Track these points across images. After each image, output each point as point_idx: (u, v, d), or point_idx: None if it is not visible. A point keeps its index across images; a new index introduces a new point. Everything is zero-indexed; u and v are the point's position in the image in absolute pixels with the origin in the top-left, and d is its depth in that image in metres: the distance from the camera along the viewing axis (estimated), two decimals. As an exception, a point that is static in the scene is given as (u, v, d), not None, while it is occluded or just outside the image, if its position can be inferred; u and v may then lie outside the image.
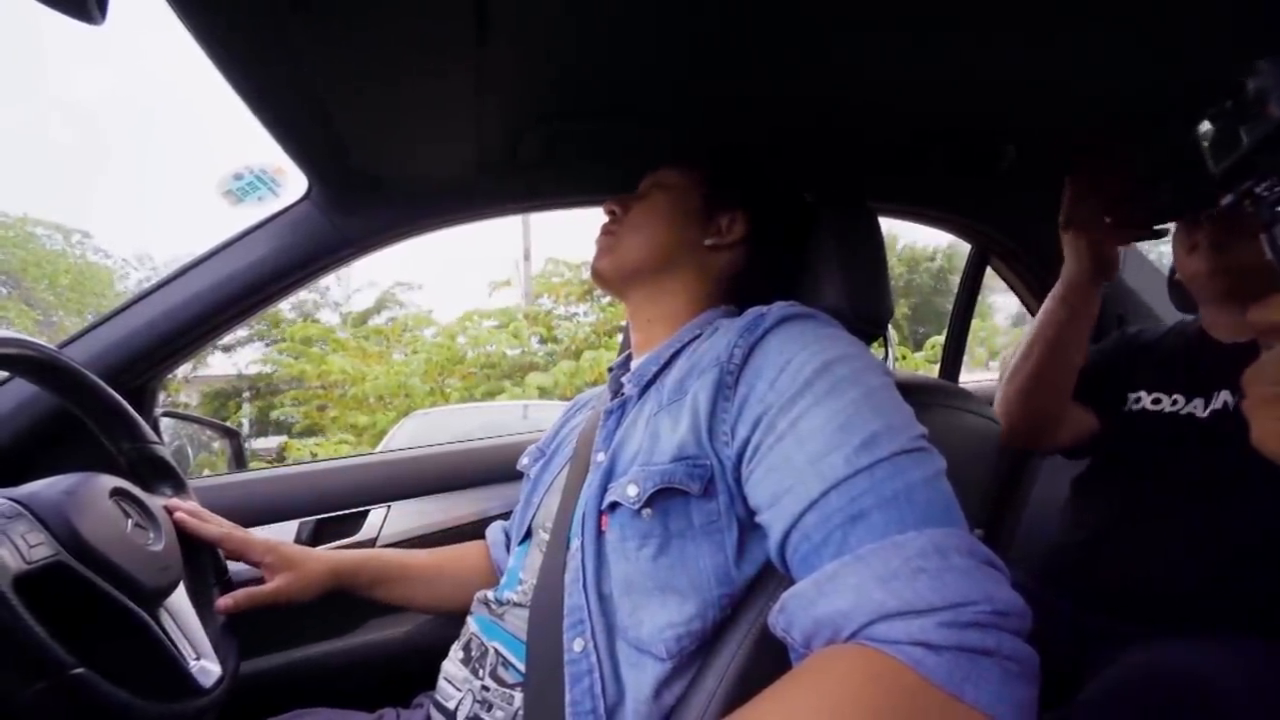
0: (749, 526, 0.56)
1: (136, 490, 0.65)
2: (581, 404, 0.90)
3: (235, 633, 0.72)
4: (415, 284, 10.96)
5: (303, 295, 10.59)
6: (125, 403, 0.72)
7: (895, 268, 14.51)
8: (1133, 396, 0.95)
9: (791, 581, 0.49)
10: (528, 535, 0.76)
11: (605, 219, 0.80)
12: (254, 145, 0.89)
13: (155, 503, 0.67)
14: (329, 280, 10.78)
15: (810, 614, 0.45)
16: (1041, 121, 0.85)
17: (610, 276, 0.77)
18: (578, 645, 0.57)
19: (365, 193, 0.95)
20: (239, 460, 1.27)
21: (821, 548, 0.46)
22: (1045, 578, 0.95)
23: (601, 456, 0.64)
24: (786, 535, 0.49)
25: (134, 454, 0.73)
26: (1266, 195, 0.42)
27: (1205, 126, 0.45)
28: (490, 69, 0.67)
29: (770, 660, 0.49)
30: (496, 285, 8.70)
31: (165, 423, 1.12)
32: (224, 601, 0.72)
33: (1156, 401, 0.92)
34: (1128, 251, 1.42)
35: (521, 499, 0.82)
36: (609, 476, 0.61)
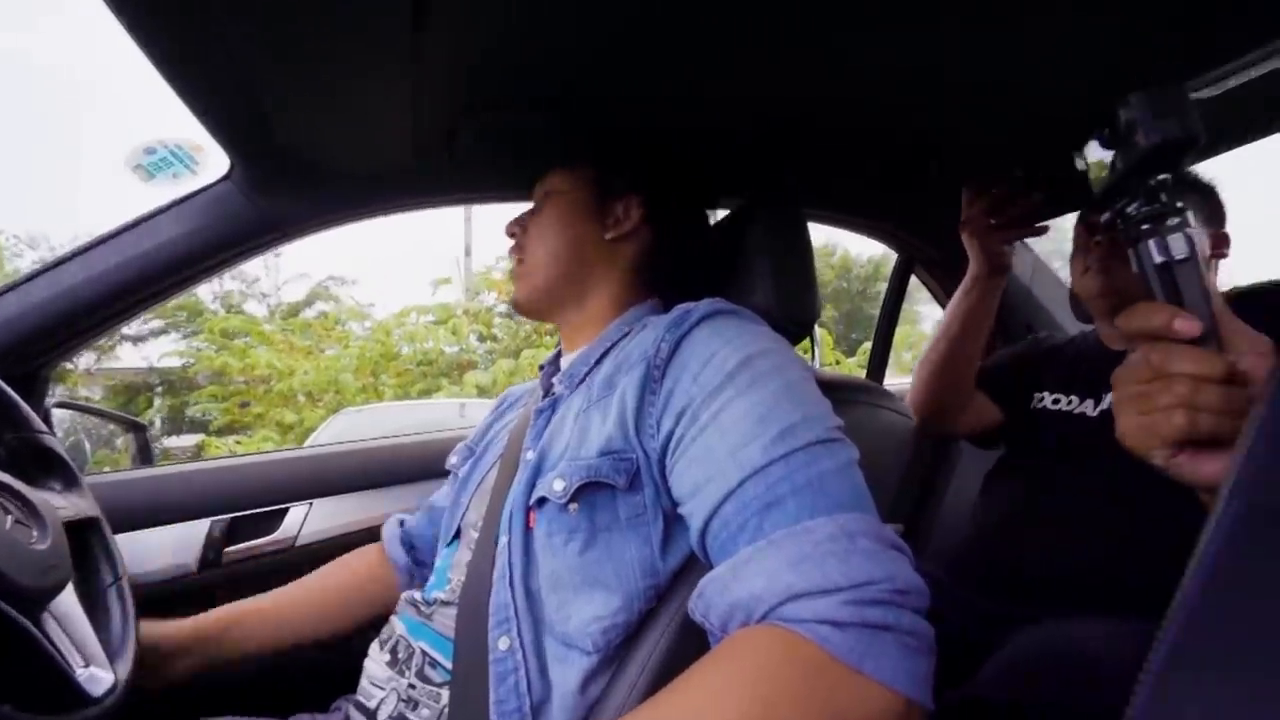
0: (673, 518, 0.57)
1: (18, 484, 0.60)
2: (511, 401, 0.90)
3: (134, 637, 0.67)
4: (350, 278, 10.57)
5: (228, 285, 10.01)
6: (7, 388, 0.66)
7: (828, 275, 15.04)
8: (1037, 396, 1.04)
9: (711, 568, 0.50)
10: (457, 535, 0.75)
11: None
12: (172, 119, 0.84)
13: (41, 498, 0.62)
14: (257, 270, 10.24)
15: (726, 598, 0.47)
16: (964, 138, 0.90)
17: (529, 306, 0.77)
18: (503, 644, 0.57)
19: (293, 176, 0.90)
20: (145, 456, 1.19)
21: (738, 534, 0.48)
22: (953, 568, 1.00)
23: (531, 454, 0.64)
24: (707, 523, 0.51)
25: (17, 444, 0.67)
26: (1134, 215, 0.46)
27: (1087, 150, 0.50)
28: (427, 55, 0.66)
29: (693, 648, 0.50)
30: (439, 282, 8.46)
31: (59, 414, 1.04)
32: None
33: (1056, 401, 1.00)
34: (1035, 267, 1.54)
35: (450, 498, 0.81)
36: (537, 473, 0.61)
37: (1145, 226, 0.45)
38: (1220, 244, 0.94)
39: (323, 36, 0.62)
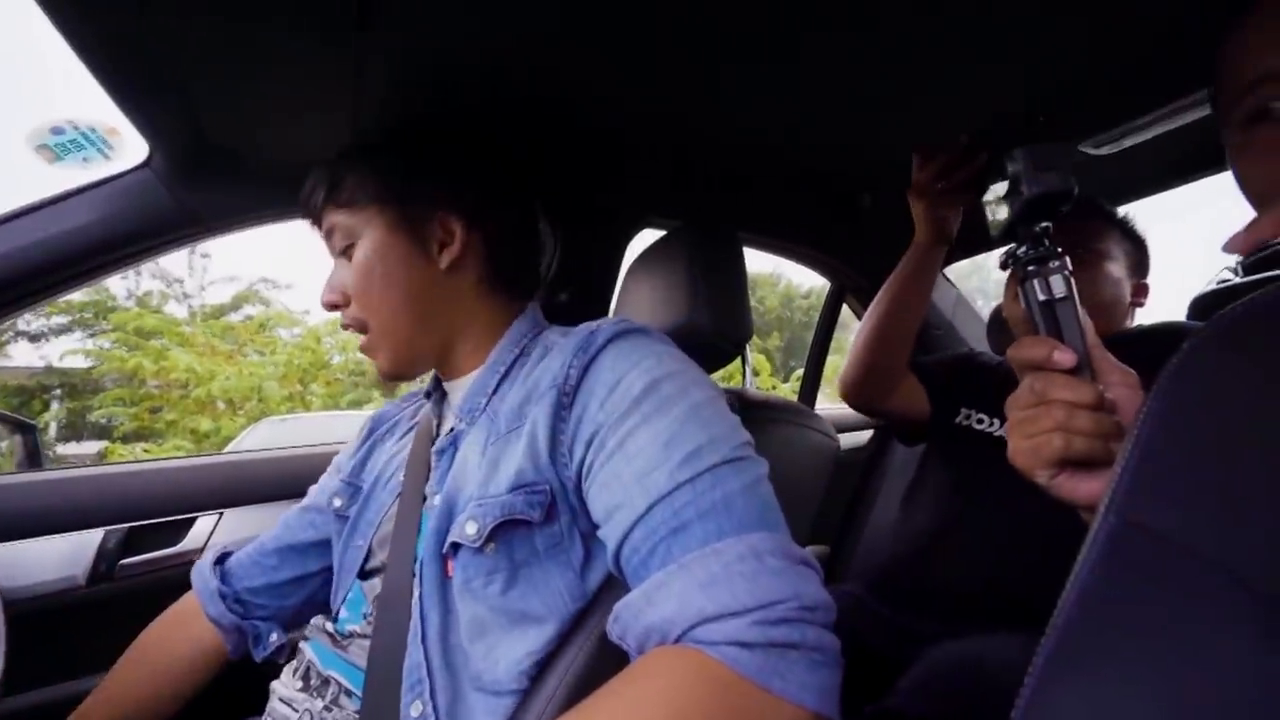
0: (592, 540, 0.57)
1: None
2: (386, 426, 0.83)
3: (2, 658, 0.61)
4: (284, 283, 10.11)
5: (147, 284, 9.37)
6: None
7: (772, 302, 15.49)
8: (965, 412, 1.07)
9: (629, 589, 0.50)
10: (364, 574, 0.69)
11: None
12: (85, 101, 0.79)
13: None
14: (181, 270, 9.64)
15: (641, 621, 0.47)
16: (892, 180, 0.96)
17: (400, 372, 0.69)
18: (415, 709, 0.55)
19: (218, 167, 0.86)
20: (33, 459, 1.10)
21: (649, 558, 0.49)
22: (874, 586, 1.04)
23: (438, 499, 0.61)
24: (619, 548, 0.51)
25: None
26: (1021, 257, 0.51)
27: (986, 198, 0.55)
28: (370, 54, 0.65)
29: (610, 665, 0.50)
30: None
31: (-66, 412, 0.95)
32: None
33: (980, 421, 1.04)
34: (958, 302, 1.64)
35: (340, 540, 0.73)
36: (449, 518, 0.59)
37: (1030, 268, 0.50)
38: (1140, 293, 1.01)
39: (262, 30, 0.60)
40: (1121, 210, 1.03)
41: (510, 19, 0.60)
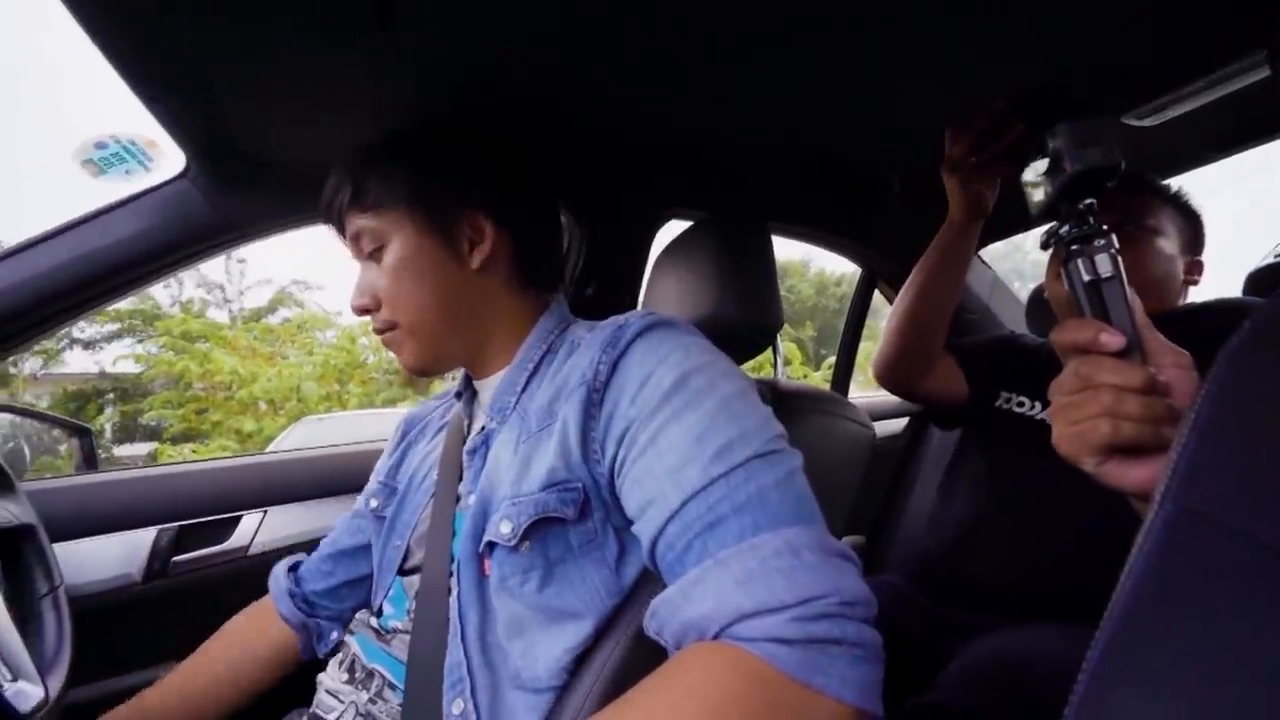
0: (626, 535, 0.57)
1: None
2: (418, 427, 0.84)
3: (68, 651, 0.64)
4: (316, 284, 10.34)
5: (190, 292, 9.70)
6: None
7: (805, 290, 15.27)
8: (1004, 395, 1.03)
9: (665, 584, 0.50)
10: (404, 570, 0.71)
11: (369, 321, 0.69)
12: (128, 117, 0.81)
13: (-29, 503, 0.59)
14: (220, 277, 9.95)
15: (678, 618, 0.47)
16: (922, 163, 0.93)
17: (426, 369, 0.69)
18: (456, 707, 0.56)
19: (252, 175, 0.88)
20: (89, 462, 1.14)
21: (685, 554, 0.49)
22: (914, 576, 1.02)
23: (472, 498, 0.61)
24: (654, 544, 0.51)
25: (-52, 447, 0.64)
26: (1064, 236, 0.49)
27: (1026, 176, 0.53)
28: (392, 55, 0.65)
29: (644, 660, 0.51)
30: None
31: (0, 418, 0.99)
32: None
33: (1021, 405, 1.01)
34: (995, 285, 1.59)
35: (379, 540, 0.75)
36: (483, 517, 0.59)
37: (1074, 247, 0.48)
38: (1194, 270, 0.96)
39: (286, 34, 0.61)
40: (1174, 184, 0.99)
41: (527, 17, 0.60)
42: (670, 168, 0.96)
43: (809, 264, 15.40)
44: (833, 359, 1.84)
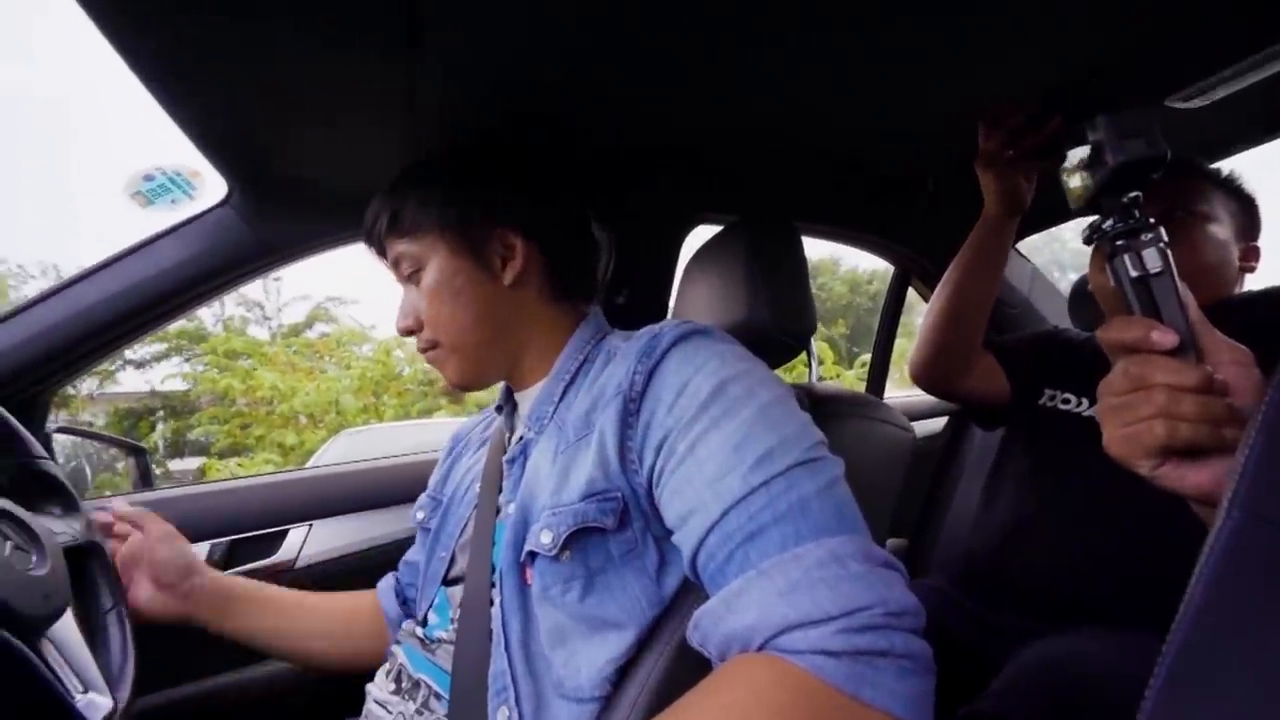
0: (667, 544, 0.57)
1: (18, 510, 0.59)
2: (463, 442, 0.86)
3: (133, 663, 0.66)
4: (350, 299, 10.61)
5: (230, 310, 10.06)
6: (7, 414, 0.66)
7: (837, 288, 15.05)
8: (1048, 393, 1.00)
9: (707, 594, 0.50)
10: (447, 581, 0.72)
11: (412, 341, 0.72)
12: (172, 148, 0.85)
13: (40, 524, 0.62)
14: (259, 295, 10.29)
15: (721, 630, 0.46)
16: (955, 157, 0.91)
17: (468, 385, 0.71)
18: (502, 715, 0.56)
19: (290, 199, 0.92)
20: (145, 480, 1.19)
21: (726, 565, 0.48)
22: (959, 580, 0.99)
23: (512, 508, 0.62)
24: (695, 555, 0.50)
25: (17, 470, 0.67)
26: (1109, 231, 0.47)
27: (1065, 167, 0.51)
28: (423, 75, 0.67)
29: (688, 672, 0.50)
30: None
31: (60, 439, 1.04)
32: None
33: (1066, 402, 0.98)
34: (1034, 277, 1.54)
35: (424, 554, 0.77)
36: (524, 527, 0.60)
37: (1120, 242, 0.46)
38: (1250, 256, 0.92)
39: (317, 62, 0.63)
40: (1225, 167, 0.94)
41: (556, 30, 0.61)
42: (698, 172, 0.96)
43: (839, 261, 15.20)
44: (866, 357, 1.81)
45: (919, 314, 1.11)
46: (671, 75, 0.70)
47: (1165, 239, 0.46)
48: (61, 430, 1.04)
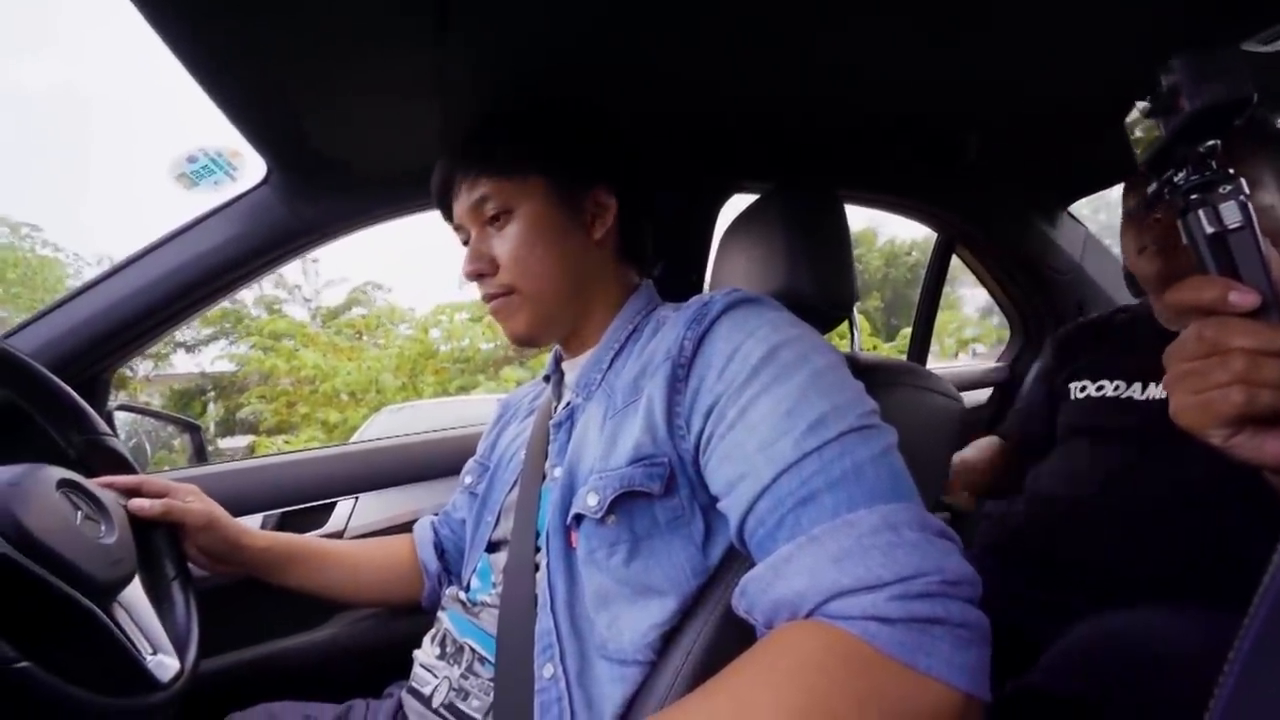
0: (713, 513, 0.56)
1: (86, 481, 0.62)
2: (511, 409, 0.87)
3: (196, 627, 0.70)
4: (387, 285, 10.82)
5: (269, 290, 10.36)
6: (73, 393, 0.69)
7: (874, 261, 14.69)
8: (1076, 386, 1.01)
9: (753, 562, 0.49)
10: (491, 546, 0.74)
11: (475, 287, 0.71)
12: (213, 132, 0.86)
13: (107, 495, 0.65)
14: (297, 276, 10.56)
15: (769, 596, 0.45)
16: (1002, 115, 0.87)
17: (533, 337, 0.70)
18: (547, 671, 0.57)
19: (326, 178, 0.92)
20: (200, 455, 1.24)
21: (776, 531, 0.47)
22: (1003, 555, 0.97)
23: (558, 471, 0.62)
24: (743, 521, 0.50)
25: (83, 445, 0.70)
26: (1182, 184, 0.43)
27: (1132, 119, 0.47)
28: (450, 60, 0.66)
29: (734, 640, 0.50)
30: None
31: (121, 417, 1.08)
32: (137, 502, 0.70)
33: (1101, 388, 0.97)
34: (1088, 243, 1.47)
35: (471, 516, 0.79)
36: (570, 490, 0.60)
37: (1194, 196, 0.43)
38: None
39: (349, 43, 0.63)
40: None
41: (585, 20, 0.59)
42: (732, 139, 0.93)
43: (877, 232, 14.82)
44: (906, 330, 1.76)
45: (964, 284, 1.09)
46: (706, 43, 0.68)
47: (1246, 191, 0.43)
48: (122, 408, 1.08)
